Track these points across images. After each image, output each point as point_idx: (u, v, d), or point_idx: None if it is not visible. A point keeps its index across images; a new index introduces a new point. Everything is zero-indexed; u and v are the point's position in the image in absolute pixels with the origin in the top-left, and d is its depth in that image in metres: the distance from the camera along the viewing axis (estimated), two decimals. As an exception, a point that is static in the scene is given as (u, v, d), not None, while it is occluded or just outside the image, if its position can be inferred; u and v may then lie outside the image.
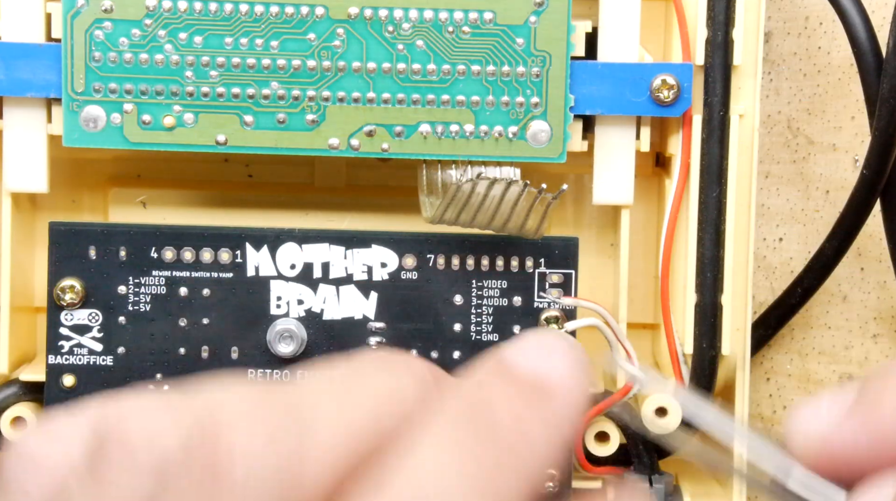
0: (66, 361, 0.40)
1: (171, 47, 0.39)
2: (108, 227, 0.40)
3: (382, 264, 0.40)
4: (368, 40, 0.40)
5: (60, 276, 0.40)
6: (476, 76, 0.40)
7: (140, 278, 0.40)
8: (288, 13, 0.39)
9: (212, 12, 0.39)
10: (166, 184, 0.44)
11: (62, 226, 0.40)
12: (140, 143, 0.40)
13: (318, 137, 0.40)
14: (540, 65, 0.40)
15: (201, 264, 0.40)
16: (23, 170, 0.41)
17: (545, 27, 0.40)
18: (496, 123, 0.40)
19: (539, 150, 0.40)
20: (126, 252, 0.40)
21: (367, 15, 0.39)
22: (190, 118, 0.40)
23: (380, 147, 0.40)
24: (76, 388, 0.40)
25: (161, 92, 0.39)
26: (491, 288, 0.41)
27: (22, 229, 0.42)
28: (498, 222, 0.39)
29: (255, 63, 0.39)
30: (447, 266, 0.40)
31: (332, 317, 0.40)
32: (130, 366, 0.40)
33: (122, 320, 0.40)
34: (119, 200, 0.44)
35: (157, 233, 0.40)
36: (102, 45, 0.39)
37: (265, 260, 0.40)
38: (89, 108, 0.40)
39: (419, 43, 0.40)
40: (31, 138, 0.41)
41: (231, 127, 0.40)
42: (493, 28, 0.40)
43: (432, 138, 0.40)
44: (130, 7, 0.39)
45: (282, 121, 0.40)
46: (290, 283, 0.40)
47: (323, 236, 0.40)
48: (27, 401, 0.41)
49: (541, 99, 0.40)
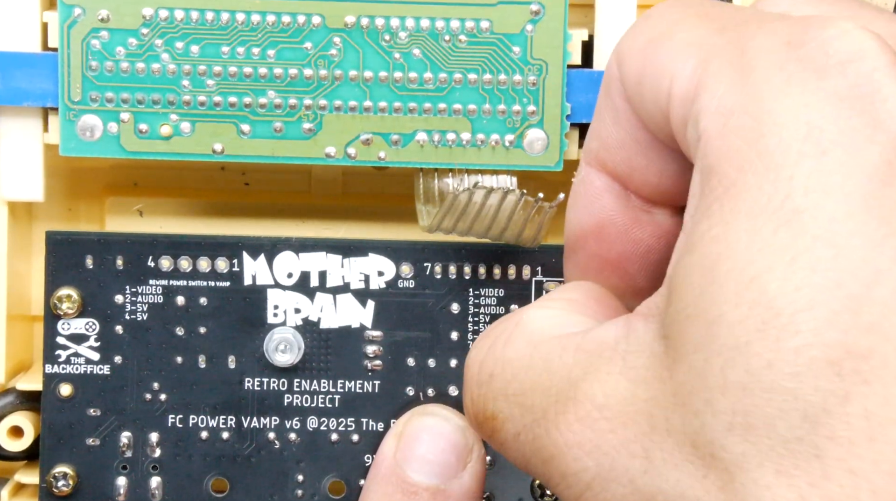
0: (63, 370, 0.40)
1: (168, 56, 0.39)
2: (105, 236, 0.40)
3: (379, 272, 0.40)
4: (365, 49, 0.40)
5: (57, 285, 0.40)
6: (472, 85, 0.40)
7: (137, 288, 0.40)
8: (284, 22, 0.39)
9: (208, 21, 0.39)
10: (163, 193, 0.44)
11: (59, 235, 0.40)
12: (137, 152, 0.40)
13: (315, 145, 0.40)
14: (536, 73, 0.40)
15: (198, 273, 0.40)
16: (19, 179, 0.41)
17: (541, 36, 0.40)
18: (493, 132, 0.40)
19: (536, 158, 0.40)
20: (123, 261, 0.40)
21: (363, 24, 0.39)
22: (187, 127, 0.40)
23: (376, 156, 0.40)
24: (73, 397, 0.40)
25: (158, 101, 0.39)
26: (488, 296, 0.41)
27: (18, 238, 0.42)
28: (495, 230, 0.39)
29: (252, 72, 0.39)
30: (444, 275, 0.40)
31: (330, 326, 0.40)
32: (127, 375, 0.40)
33: (119, 329, 0.40)
34: (116, 209, 0.44)
35: (153, 242, 0.40)
36: (99, 55, 0.39)
37: (262, 269, 0.40)
38: (86, 117, 0.40)
39: (416, 51, 0.40)
40: (28, 147, 0.41)
41: (228, 136, 0.40)
42: (489, 37, 0.40)
43: (429, 147, 0.40)
44: (127, 16, 0.39)
45: (278, 130, 0.40)
46: (287, 292, 0.40)
47: (320, 245, 0.40)
48: (24, 410, 0.41)
49: (537, 107, 0.40)
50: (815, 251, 0.24)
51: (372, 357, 0.40)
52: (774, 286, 0.24)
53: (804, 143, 0.25)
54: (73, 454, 0.40)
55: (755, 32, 0.27)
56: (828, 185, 0.24)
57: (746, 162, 0.26)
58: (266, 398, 0.40)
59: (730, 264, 0.25)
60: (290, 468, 0.40)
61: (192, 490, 0.40)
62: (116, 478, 0.40)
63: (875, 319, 0.23)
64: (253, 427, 0.40)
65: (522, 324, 0.30)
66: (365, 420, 0.41)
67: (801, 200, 0.25)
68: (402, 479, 0.38)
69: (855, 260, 0.24)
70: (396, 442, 0.39)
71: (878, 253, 0.24)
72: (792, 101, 0.26)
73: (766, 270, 0.24)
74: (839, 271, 0.24)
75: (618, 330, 0.27)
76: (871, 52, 0.26)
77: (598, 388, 0.27)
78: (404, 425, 0.39)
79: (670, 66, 0.29)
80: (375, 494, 0.38)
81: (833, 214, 0.24)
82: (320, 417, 0.40)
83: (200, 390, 0.40)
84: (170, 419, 0.40)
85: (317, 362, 0.40)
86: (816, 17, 0.27)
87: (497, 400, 0.29)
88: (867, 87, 0.25)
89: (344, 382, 0.40)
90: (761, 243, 0.25)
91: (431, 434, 0.38)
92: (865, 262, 0.24)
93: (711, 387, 0.24)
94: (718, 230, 0.25)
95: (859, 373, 0.23)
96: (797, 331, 0.24)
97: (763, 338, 0.24)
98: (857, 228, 0.24)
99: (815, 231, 0.24)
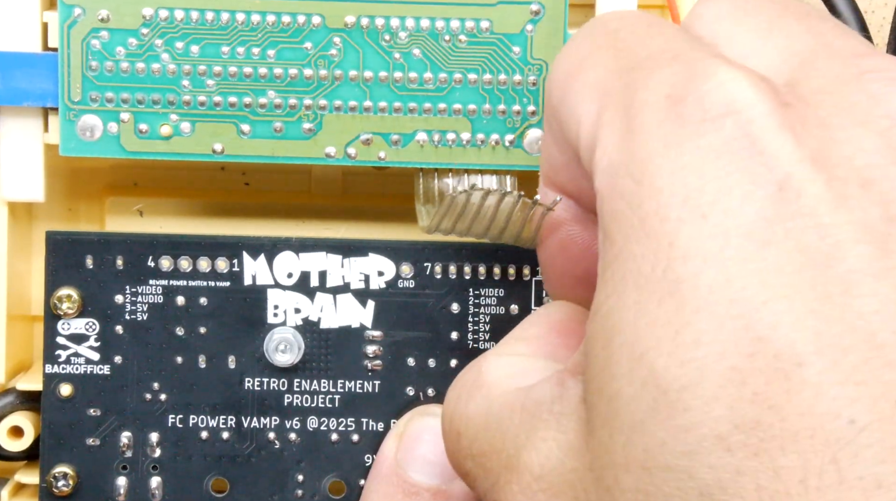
0: (63, 370, 0.40)
1: (168, 56, 0.39)
2: (105, 236, 0.40)
3: (379, 272, 0.40)
4: (365, 49, 0.40)
5: (57, 285, 0.40)
6: (473, 85, 0.40)
7: (137, 288, 0.40)
8: (284, 22, 0.39)
9: (208, 21, 0.39)
10: (163, 193, 0.44)
11: (59, 235, 0.40)
12: (137, 152, 0.40)
13: (315, 145, 0.40)
14: (536, 73, 0.40)
15: (198, 273, 0.40)
16: (19, 179, 0.41)
17: (542, 35, 0.40)
18: (493, 132, 0.40)
19: (536, 158, 0.40)
20: (123, 261, 0.40)
21: (363, 24, 0.39)
22: (187, 127, 0.40)
23: (376, 156, 0.40)
24: (73, 397, 0.40)
25: (158, 101, 0.39)
26: (488, 296, 0.41)
27: (18, 238, 0.42)
28: (494, 231, 0.39)
29: (252, 72, 0.39)
30: (444, 274, 0.40)
31: (330, 326, 0.40)
32: (127, 375, 0.40)
33: (120, 329, 0.40)
34: (116, 209, 0.44)
35: (153, 242, 0.40)
36: (99, 55, 0.39)
37: (262, 269, 0.40)
38: (86, 117, 0.40)
39: (416, 51, 0.40)
40: (28, 148, 0.41)
41: (228, 136, 0.40)
42: (489, 37, 0.40)
43: (429, 147, 0.40)
44: (127, 16, 0.39)
45: (278, 130, 0.40)
46: (287, 292, 0.40)
47: (320, 245, 0.40)
48: (24, 410, 0.41)
49: (537, 107, 0.40)
50: (696, 324, 0.23)
51: (372, 357, 0.40)
52: (661, 363, 0.23)
53: (683, 208, 0.24)
54: (73, 454, 0.40)
55: (645, 80, 0.26)
56: (706, 251, 0.24)
57: (630, 229, 0.25)
58: (266, 399, 0.40)
59: (622, 337, 0.24)
60: (291, 468, 0.41)
61: (192, 490, 0.40)
62: (116, 478, 0.40)
63: (758, 388, 0.23)
64: (253, 427, 0.40)
65: (482, 376, 0.30)
66: (365, 420, 0.41)
67: (681, 269, 0.24)
68: (403, 479, 0.38)
69: (735, 329, 0.23)
70: (397, 443, 0.39)
71: (756, 320, 0.23)
72: (670, 163, 0.25)
73: (653, 346, 0.24)
74: (721, 343, 0.23)
75: (552, 390, 0.27)
76: (749, 102, 0.25)
77: (534, 457, 0.26)
78: (405, 425, 0.39)
79: (576, 108, 0.28)
80: (376, 494, 0.38)
81: (712, 282, 0.23)
82: (320, 417, 0.40)
83: (200, 390, 0.40)
84: (170, 419, 0.40)
85: (317, 362, 0.40)
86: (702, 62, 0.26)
87: (466, 460, 0.29)
88: (744, 140, 0.24)
89: (344, 382, 0.40)
90: (647, 318, 0.24)
91: (433, 435, 0.38)
92: (746, 330, 0.23)
93: (617, 465, 0.24)
94: (613, 302, 0.25)
95: (747, 446, 0.23)
96: (686, 409, 0.23)
97: (655, 416, 0.23)
98: (736, 294, 0.23)
99: (695, 303, 0.23)
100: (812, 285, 0.23)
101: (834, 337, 0.23)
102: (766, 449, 0.22)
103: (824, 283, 0.23)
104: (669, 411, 0.23)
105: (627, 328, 0.24)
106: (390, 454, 0.38)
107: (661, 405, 0.23)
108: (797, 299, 0.23)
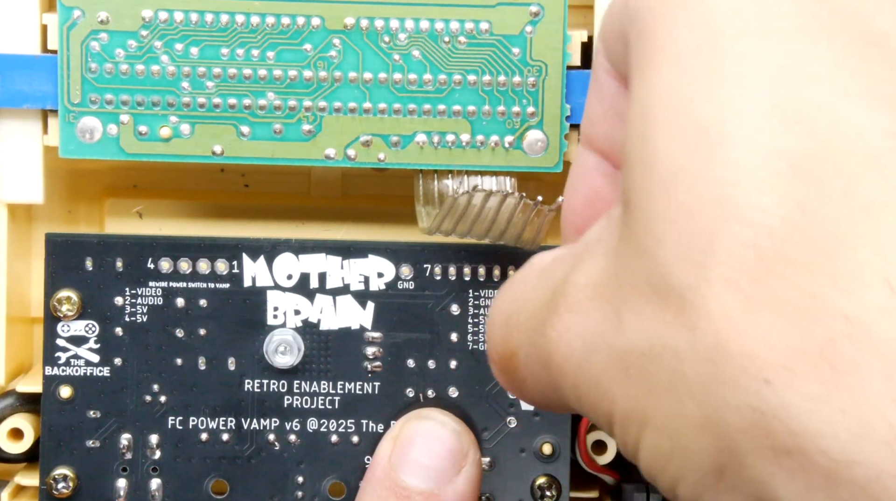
0: (62, 372, 0.40)
1: (168, 58, 0.39)
2: (105, 238, 0.40)
3: (379, 273, 0.40)
4: (364, 51, 0.40)
5: (57, 287, 0.40)
6: (472, 86, 0.40)
7: (137, 289, 0.40)
8: (284, 24, 0.39)
9: (208, 23, 0.39)
10: (162, 195, 0.44)
11: (59, 237, 0.40)
12: (136, 154, 0.40)
13: (315, 147, 0.40)
14: (536, 74, 0.40)
15: (198, 275, 0.40)
16: (19, 181, 0.41)
17: (541, 37, 0.40)
18: (492, 133, 0.40)
19: (535, 159, 0.40)
20: (123, 263, 0.40)
21: (363, 25, 0.39)
22: (186, 129, 0.40)
23: (376, 157, 0.40)
24: (73, 399, 0.40)
25: (157, 103, 0.39)
26: (488, 298, 0.41)
27: (18, 240, 0.42)
28: (494, 232, 0.39)
29: (252, 74, 0.39)
30: (444, 276, 0.40)
31: (329, 327, 0.40)
32: (127, 377, 0.40)
33: (119, 331, 0.40)
34: (115, 211, 0.44)
35: (153, 244, 0.40)
36: (98, 57, 0.39)
37: (262, 270, 0.40)
38: (85, 119, 0.40)
39: (415, 53, 0.40)
40: (28, 150, 0.41)
41: (227, 138, 0.40)
42: (489, 38, 0.40)
43: (428, 148, 0.40)
44: (126, 18, 0.39)
45: (278, 131, 0.40)
46: (287, 293, 0.40)
47: (319, 247, 0.40)
48: (24, 412, 0.41)
49: (537, 109, 0.40)
50: (738, 67, 0.24)
51: (372, 359, 0.40)
52: (702, 106, 0.24)
53: None
54: (72, 456, 0.40)
55: None
56: (749, 26, 0.24)
57: (668, 10, 0.25)
58: (266, 400, 0.40)
59: (661, 99, 0.24)
60: (291, 469, 0.40)
61: (192, 491, 0.40)
62: (116, 480, 0.40)
63: (801, 117, 0.23)
64: (253, 429, 0.40)
65: (530, 264, 0.29)
66: (365, 422, 0.41)
67: (721, 39, 0.24)
68: (395, 483, 0.38)
69: (775, 67, 0.24)
70: (392, 446, 0.39)
71: (794, 56, 0.24)
72: None
73: (694, 93, 0.24)
74: (760, 81, 0.24)
75: (601, 223, 0.27)
76: None
77: (581, 274, 0.26)
78: (400, 428, 0.39)
79: None
80: (370, 497, 0.38)
81: (748, 26, 0.24)
82: (320, 418, 0.40)
83: (200, 391, 0.40)
84: (170, 421, 0.40)
85: (317, 363, 0.40)
86: None
87: (513, 336, 0.28)
88: None
89: (344, 383, 0.40)
90: (689, 70, 0.24)
91: (427, 438, 0.38)
92: (783, 69, 0.24)
93: (656, 220, 0.24)
94: (648, 75, 0.25)
95: (797, 173, 0.23)
96: (732, 144, 0.23)
97: (698, 156, 0.23)
98: (773, 41, 0.24)
99: (735, 47, 0.24)
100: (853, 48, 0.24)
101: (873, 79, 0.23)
102: (812, 170, 0.23)
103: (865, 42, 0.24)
104: (712, 147, 0.23)
105: (666, 88, 0.24)
106: (384, 456, 0.39)
107: (703, 143, 0.23)
108: (837, 55, 0.24)
